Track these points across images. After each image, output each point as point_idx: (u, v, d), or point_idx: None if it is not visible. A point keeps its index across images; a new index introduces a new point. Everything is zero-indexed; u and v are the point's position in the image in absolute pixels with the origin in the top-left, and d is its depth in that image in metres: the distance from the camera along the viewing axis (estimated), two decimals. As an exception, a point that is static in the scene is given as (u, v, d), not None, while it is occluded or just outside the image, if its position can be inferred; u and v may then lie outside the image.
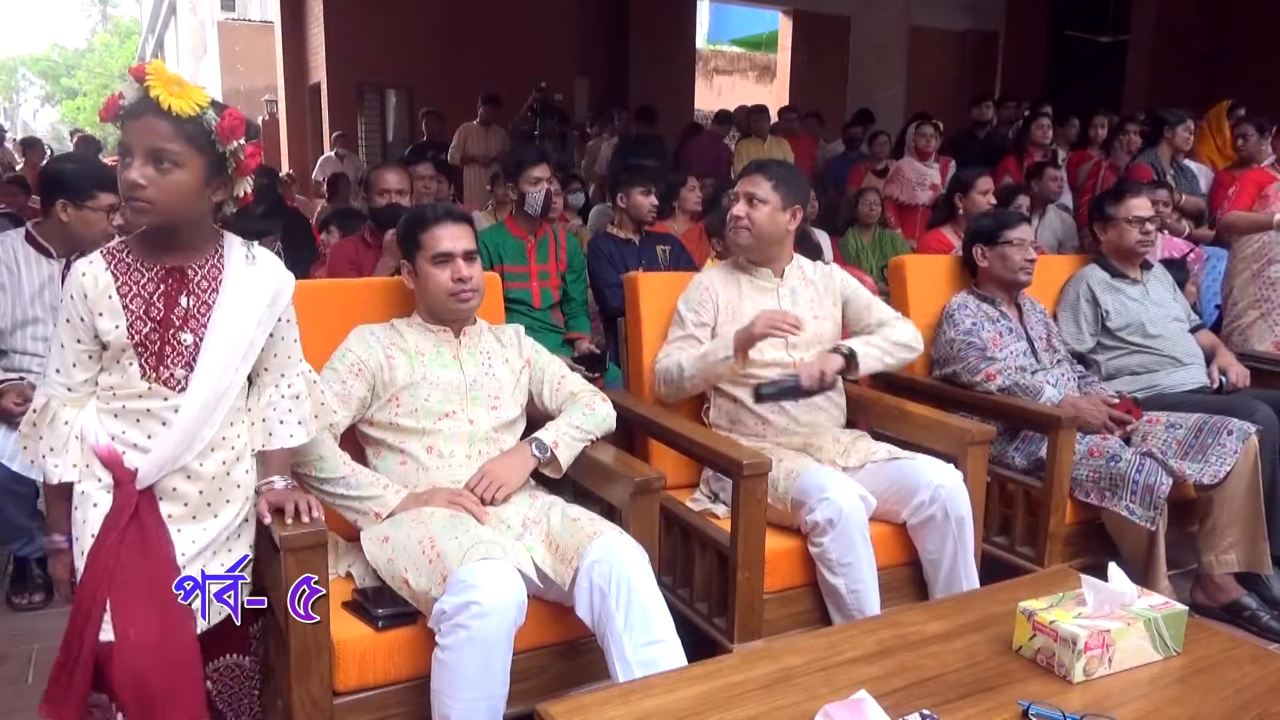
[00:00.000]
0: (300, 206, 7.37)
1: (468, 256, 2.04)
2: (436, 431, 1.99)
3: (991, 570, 2.38)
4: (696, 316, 2.44)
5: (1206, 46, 9.38)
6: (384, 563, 1.80)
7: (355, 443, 2.07)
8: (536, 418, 2.17)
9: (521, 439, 2.09)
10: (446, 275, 2.02)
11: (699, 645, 2.03)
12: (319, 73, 11.14)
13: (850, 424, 2.58)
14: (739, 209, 2.43)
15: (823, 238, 4.95)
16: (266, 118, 13.11)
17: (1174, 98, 7.03)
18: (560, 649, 1.87)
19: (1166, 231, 4.24)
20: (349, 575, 1.92)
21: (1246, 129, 4.70)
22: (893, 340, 2.45)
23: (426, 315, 2.09)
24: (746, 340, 2.27)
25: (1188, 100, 6.24)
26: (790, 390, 2.28)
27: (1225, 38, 9.35)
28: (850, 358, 2.36)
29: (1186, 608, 1.62)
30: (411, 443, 1.99)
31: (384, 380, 1.99)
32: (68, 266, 2.74)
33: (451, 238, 2.03)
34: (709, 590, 2.22)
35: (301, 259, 4.60)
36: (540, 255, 3.37)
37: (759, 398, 2.32)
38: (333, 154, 9.33)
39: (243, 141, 1.55)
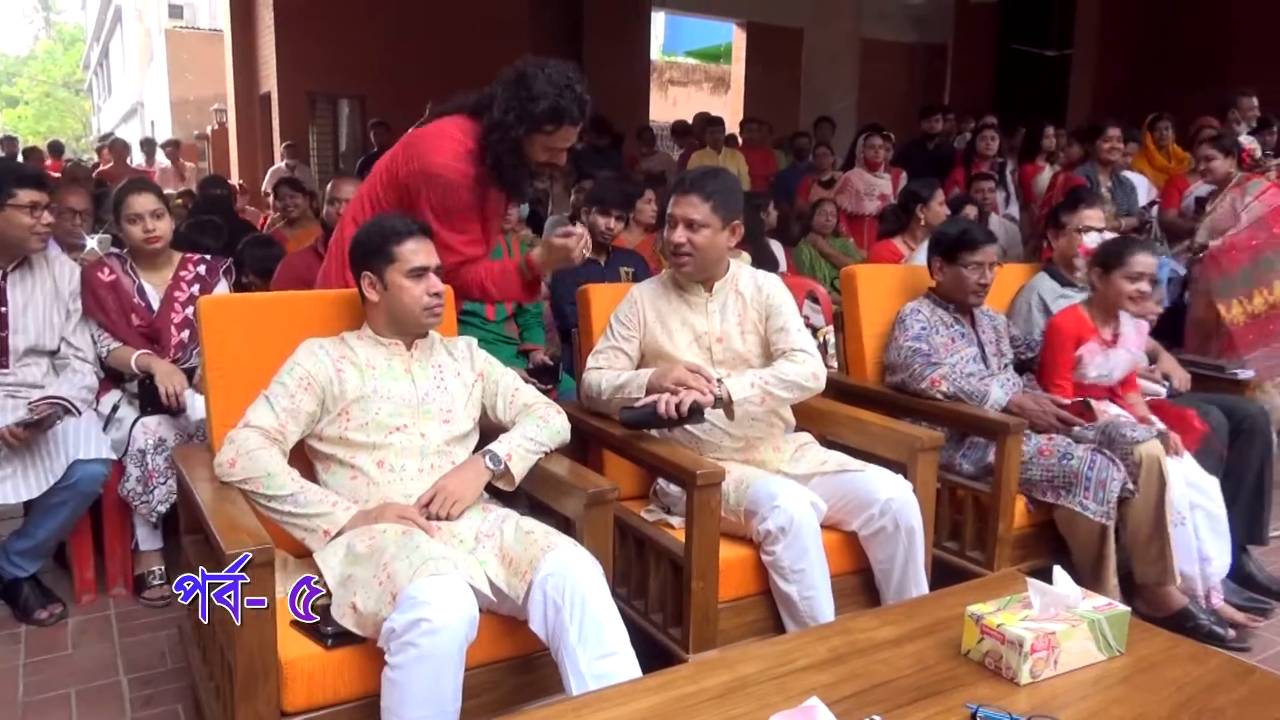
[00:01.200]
0: (250, 218, 7.26)
1: (438, 271, 2.04)
2: (387, 445, 1.97)
3: (942, 575, 2.42)
4: (624, 330, 2.43)
5: (1147, 62, 9.64)
6: (336, 583, 1.77)
7: (305, 458, 2.04)
8: (490, 430, 2.15)
9: (475, 451, 2.08)
10: (422, 290, 2.01)
11: (655, 656, 2.03)
12: (269, 82, 11.00)
13: (803, 430, 2.59)
14: (679, 235, 2.33)
15: (778, 249, 5.00)
16: (216, 127, 12.90)
17: (1116, 111, 7.21)
18: (514, 664, 1.85)
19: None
20: (298, 593, 1.89)
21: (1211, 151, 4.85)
22: (781, 377, 2.29)
23: (384, 328, 2.06)
24: (658, 389, 2.23)
25: (1129, 113, 6.41)
26: (649, 417, 2.20)
27: (1165, 53, 9.62)
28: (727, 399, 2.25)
29: (1129, 609, 1.66)
30: (362, 457, 1.96)
31: (333, 394, 1.97)
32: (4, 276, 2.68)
33: (426, 252, 2.03)
34: (664, 601, 2.22)
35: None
36: (494, 267, 3.35)
37: (621, 421, 2.27)
38: (283, 165, 9.21)
39: None
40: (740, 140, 8.45)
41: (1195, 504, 2.65)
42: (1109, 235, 2.96)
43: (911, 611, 1.77)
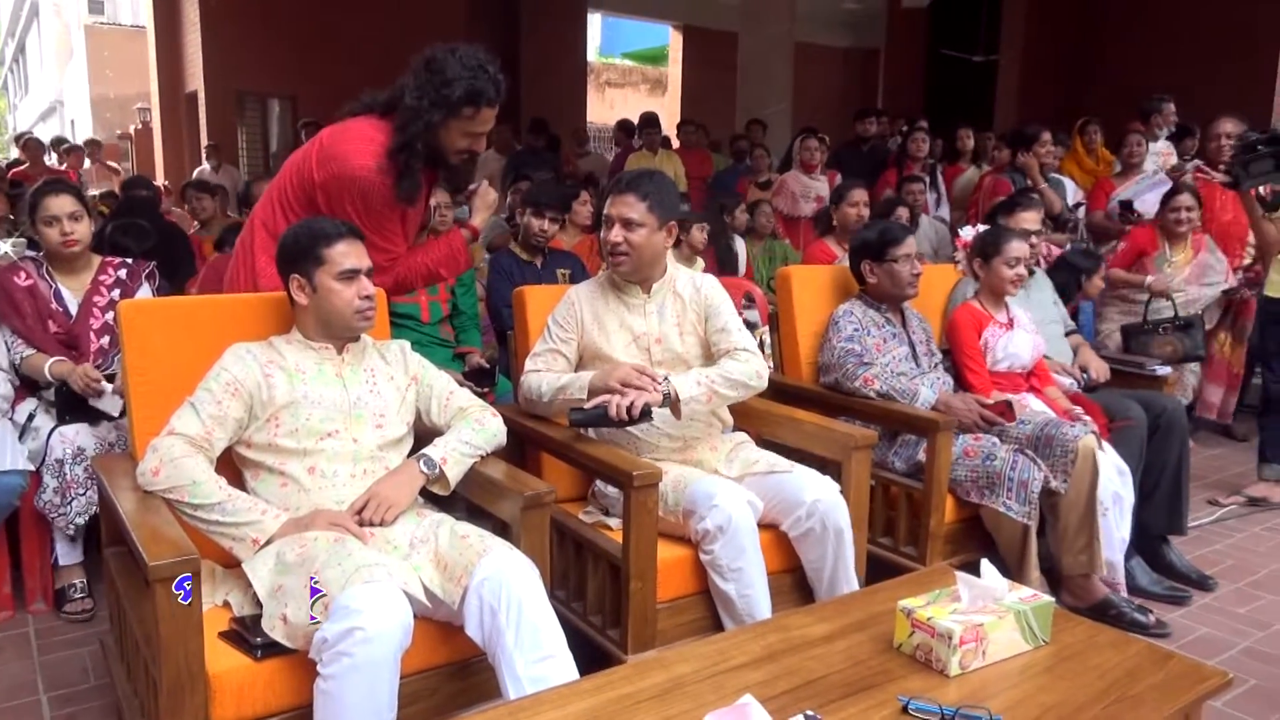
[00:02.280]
0: (178, 220, 7.06)
1: (369, 273, 2.01)
2: (319, 451, 1.93)
3: (878, 570, 2.45)
4: (562, 332, 2.43)
5: (1068, 67, 9.96)
6: (266, 594, 1.73)
7: (233, 466, 1.99)
8: (424, 434, 2.13)
9: (409, 456, 2.05)
10: (353, 292, 1.97)
11: (594, 658, 2.03)
12: (196, 80, 10.73)
13: (741, 430, 2.61)
14: (615, 235, 2.33)
15: (741, 248, 5.06)
16: (139, 126, 12.53)
17: (1040, 114, 7.44)
18: (450, 670, 1.83)
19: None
20: (226, 604, 1.84)
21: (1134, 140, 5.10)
22: (727, 375, 2.30)
23: (314, 332, 2.02)
24: (602, 390, 2.23)
25: (1052, 118, 6.61)
26: (598, 418, 2.20)
27: (1085, 60, 9.94)
28: (674, 398, 2.25)
29: (1053, 599, 1.71)
30: (292, 464, 1.92)
31: (262, 400, 1.92)
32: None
33: (357, 254, 1.99)
34: (602, 603, 2.22)
35: (179, 275, 4.41)
36: (428, 269, 3.31)
37: (571, 422, 2.27)
38: (207, 165, 8.99)
39: None
40: (677, 142, 8.49)
41: (1117, 495, 2.73)
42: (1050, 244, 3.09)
43: (845, 607, 1.80)
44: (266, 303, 2.17)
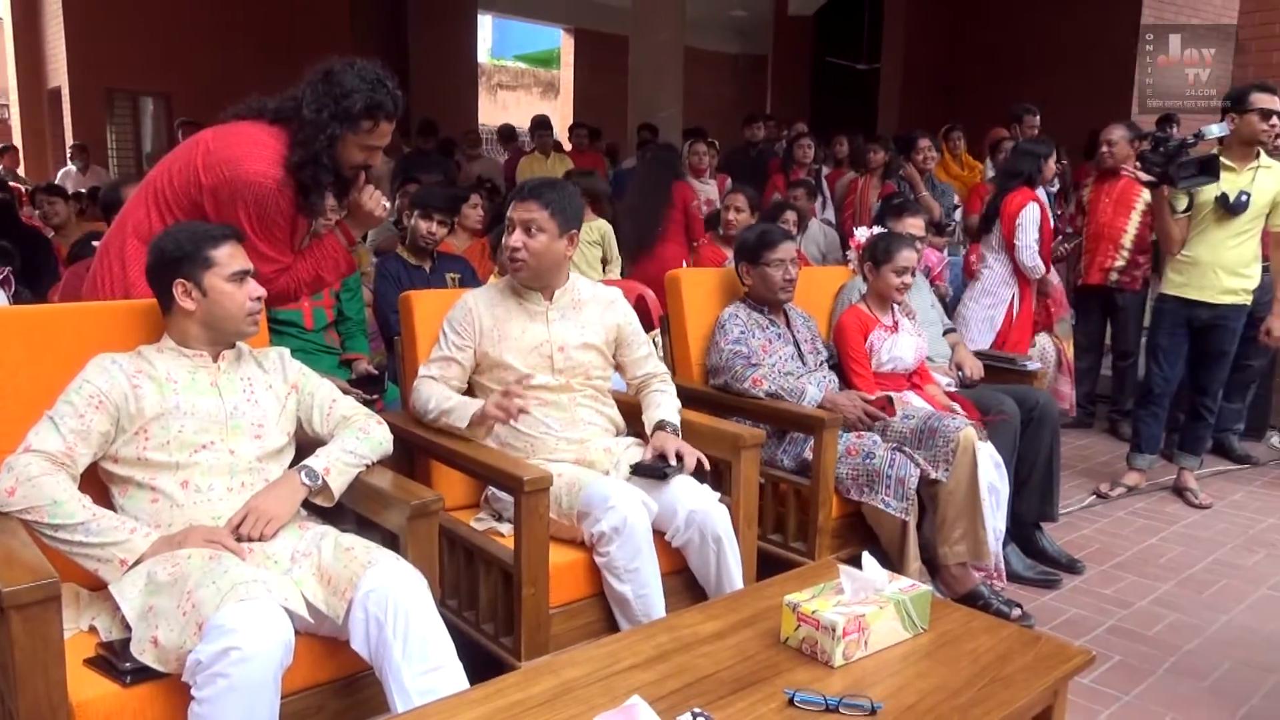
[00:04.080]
0: (40, 223, 6.66)
1: (254, 276, 1.95)
2: (192, 465, 1.85)
3: (769, 566, 2.50)
4: (458, 339, 2.40)
5: (945, 76, 10.39)
6: (136, 617, 1.65)
7: (98, 483, 1.88)
8: (307, 445, 2.06)
9: (290, 467, 1.98)
10: (245, 294, 1.91)
11: (488, 667, 1.99)
12: (59, 75, 10.14)
13: (634, 433, 2.63)
14: (515, 239, 2.35)
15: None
16: (-3, 124, 11.79)
17: (919, 121, 7.74)
18: (336, 686, 1.78)
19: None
20: (92, 629, 1.74)
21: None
22: (677, 405, 2.52)
23: (191, 339, 1.93)
24: (480, 420, 2.24)
25: (930, 124, 6.88)
26: (661, 473, 2.29)
27: (960, 69, 10.39)
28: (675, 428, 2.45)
29: (931, 588, 1.78)
30: (163, 478, 1.83)
31: (129, 412, 1.83)
32: None
33: (243, 257, 1.93)
34: (495, 610, 2.19)
35: (41, 282, 4.16)
36: (311, 274, 3.21)
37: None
38: (72, 167, 8.51)
39: None
40: (569, 145, 8.48)
41: (993, 486, 2.86)
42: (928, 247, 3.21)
43: (734, 604, 1.83)
44: (134, 311, 2.06)
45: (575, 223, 2.41)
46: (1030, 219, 4.25)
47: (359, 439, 2.00)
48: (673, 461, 2.32)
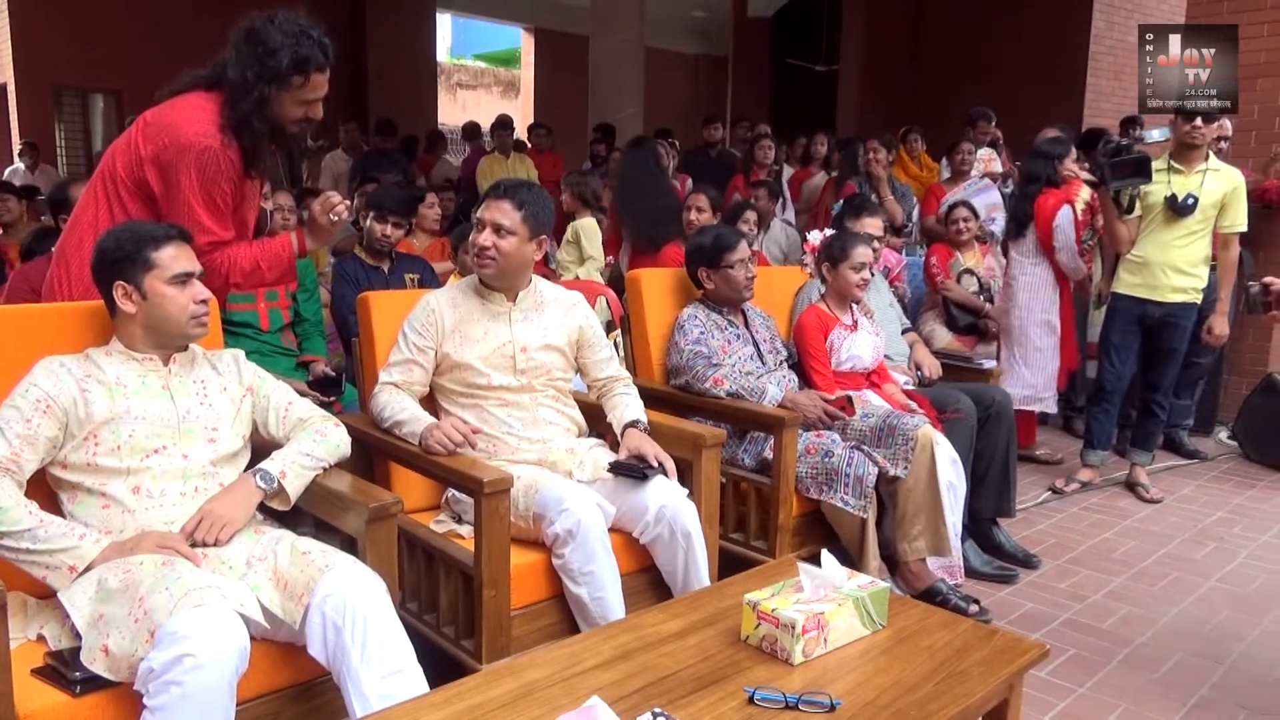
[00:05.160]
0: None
1: (201, 277, 1.91)
2: (144, 470, 1.81)
3: (731, 565, 2.51)
4: (419, 339, 2.38)
5: (903, 78, 10.51)
6: (86, 625, 1.61)
7: (46, 488, 1.84)
8: (263, 448, 2.03)
9: (246, 471, 1.95)
10: (187, 298, 1.86)
11: (449, 670, 1.98)
12: (4, 72, 9.89)
13: (596, 434, 2.63)
14: (485, 238, 2.33)
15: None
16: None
17: (878, 122, 7.83)
18: (293, 692, 1.76)
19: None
20: (41, 638, 1.70)
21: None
22: (640, 406, 2.53)
23: (138, 342, 1.89)
24: (425, 443, 2.22)
25: (888, 125, 6.96)
26: (640, 473, 2.30)
27: (917, 70, 10.52)
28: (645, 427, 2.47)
29: (889, 585, 1.79)
30: (114, 484, 1.79)
31: (78, 417, 1.78)
32: None
33: (187, 257, 1.89)
34: (455, 613, 2.18)
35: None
36: (267, 274, 3.17)
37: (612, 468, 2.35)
38: (20, 165, 8.31)
39: None
40: (530, 145, 8.45)
41: (951, 484, 2.89)
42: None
43: (695, 603, 1.83)
44: (81, 313, 2.02)
45: (546, 228, 2.42)
46: (1066, 220, 4.21)
47: (316, 441, 1.98)
48: (653, 464, 2.32)
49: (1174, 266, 3.78)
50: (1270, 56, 4.63)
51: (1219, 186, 3.74)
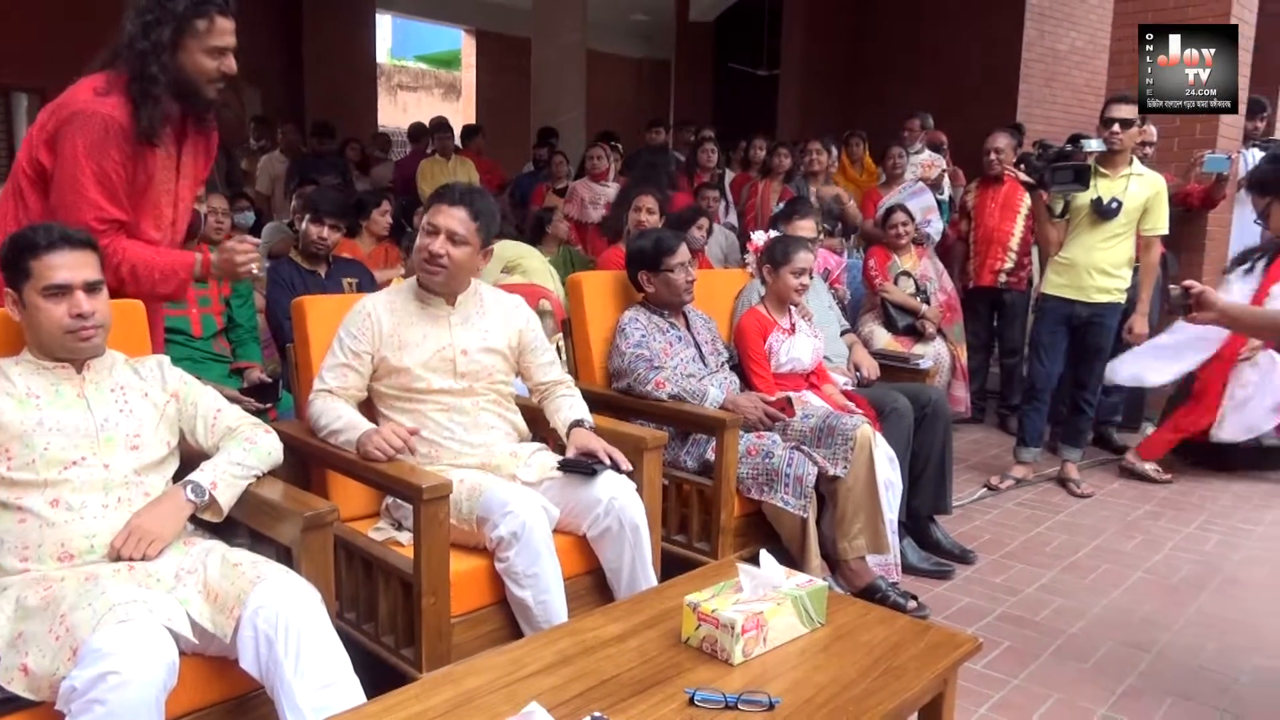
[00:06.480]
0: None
1: (90, 288, 1.80)
2: (63, 482, 1.75)
3: (674, 567, 2.51)
4: (355, 344, 2.32)
5: (843, 82, 10.65)
6: (4, 644, 1.55)
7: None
8: (192, 457, 1.98)
9: (175, 482, 1.90)
10: (62, 311, 1.77)
11: (390, 681, 1.95)
12: (-81, 70, 9.51)
13: (538, 438, 2.61)
14: (438, 246, 2.27)
15: None
16: None
17: (819, 126, 7.92)
18: (226, 707, 1.71)
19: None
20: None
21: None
22: (584, 404, 2.54)
23: (40, 352, 1.83)
24: (363, 450, 2.18)
25: (829, 128, 7.05)
26: (590, 469, 2.30)
27: (857, 75, 10.67)
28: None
29: (827, 583, 1.81)
30: (31, 498, 1.72)
31: (-11, 431, 1.72)
32: None
33: (69, 266, 1.77)
34: (395, 621, 2.15)
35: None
36: (198, 280, 3.08)
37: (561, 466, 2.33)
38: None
39: None
40: (473, 147, 8.37)
41: (889, 481, 2.94)
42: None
43: (637, 606, 1.84)
44: (-8, 319, 1.94)
45: (494, 235, 2.40)
46: None
47: (246, 450, 1.93)
48: (603, 459, 2.31)
49: (1099, 268, 3.90)
50: (1190, 64, 4.78)
51: (1142, 191, 3.86)
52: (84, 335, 1.79)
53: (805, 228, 3.59)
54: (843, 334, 3.70)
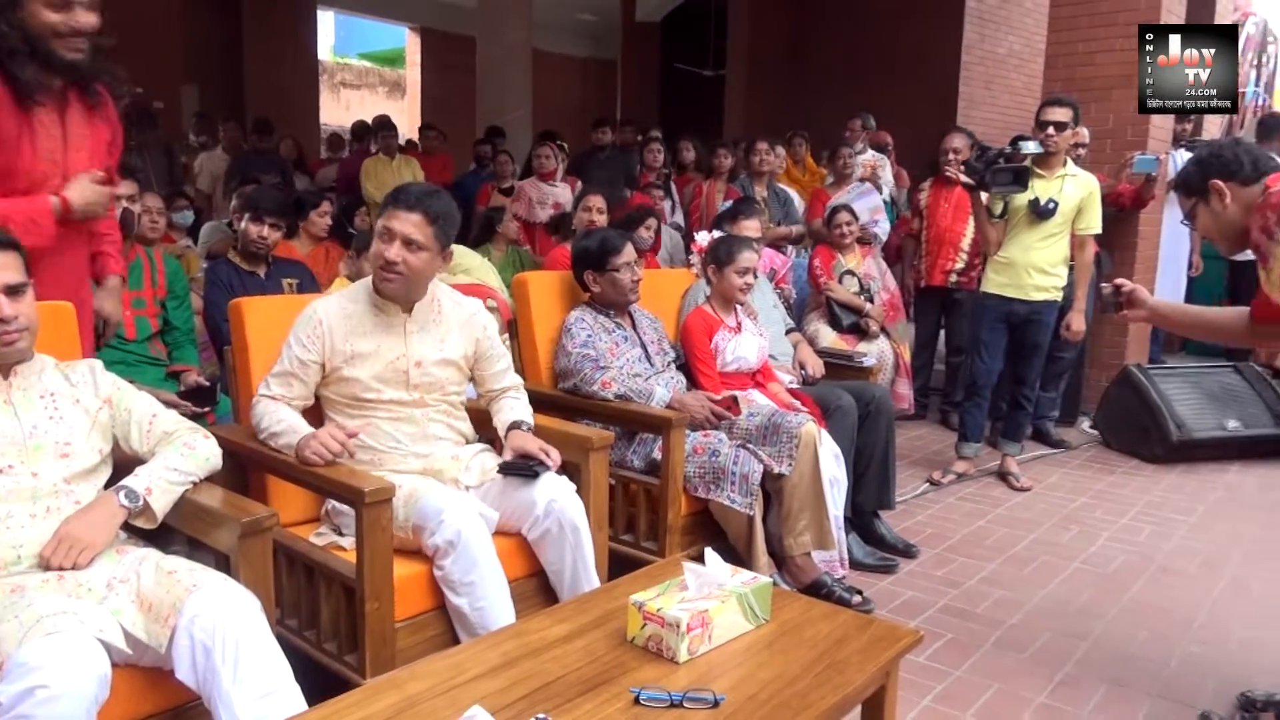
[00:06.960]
0: None
1: (11, 291, 1.74)
2: (-12, 491, 1.69)
3: (622, 567, 2.50)
4: (304, 353, 2.25)
5: (786, 82, 10.76)
6: None
7: (-122, 514, 1.70)
8: (126, 464, 1.92)
9: (108, 488, 1.85)
10: None
11: (332, 688, 1.92)
12: None
13: (484, 439, 2.59)
14: (394, 253, 2.18)
15: None
16: None
17: (764, 126, 7.99)
18: (160, 719, 1.68)
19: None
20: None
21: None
22: (529, 407, 2.51)
23: None
24: (301, 455, 2.14)
25: (774, 129, 7.11)
26: (530, 471, 2.29)
27: (800, 76, 10.79)
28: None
29: (772, 580, 1.83)
30: (-46, 507, 1.67)
31: (-90, 440, 1.66)
32: None
33: None
34: (337, 627, 2.11)
35: None
36: (132, 281, 3.02)
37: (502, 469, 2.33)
38: None
39: None
40: (419, 147, 8.29)
41: (834, 478, 2.97)
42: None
43: (583, 606, 1.83)
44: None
45: (451, 240, 2.32)
46: None
47: (184, 455, 1.89)
48: (542, 460, 2.30)
49: (1036, 267, 3.99)
50: (1124, 69, 4.91)
51: (1077, 191, 3.96)
52: (6, 340, 1.73)
53: (750, 228, 3.62)
54: (788, 333, 3.74)
